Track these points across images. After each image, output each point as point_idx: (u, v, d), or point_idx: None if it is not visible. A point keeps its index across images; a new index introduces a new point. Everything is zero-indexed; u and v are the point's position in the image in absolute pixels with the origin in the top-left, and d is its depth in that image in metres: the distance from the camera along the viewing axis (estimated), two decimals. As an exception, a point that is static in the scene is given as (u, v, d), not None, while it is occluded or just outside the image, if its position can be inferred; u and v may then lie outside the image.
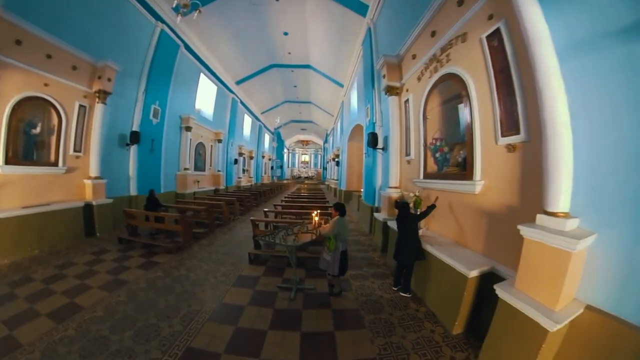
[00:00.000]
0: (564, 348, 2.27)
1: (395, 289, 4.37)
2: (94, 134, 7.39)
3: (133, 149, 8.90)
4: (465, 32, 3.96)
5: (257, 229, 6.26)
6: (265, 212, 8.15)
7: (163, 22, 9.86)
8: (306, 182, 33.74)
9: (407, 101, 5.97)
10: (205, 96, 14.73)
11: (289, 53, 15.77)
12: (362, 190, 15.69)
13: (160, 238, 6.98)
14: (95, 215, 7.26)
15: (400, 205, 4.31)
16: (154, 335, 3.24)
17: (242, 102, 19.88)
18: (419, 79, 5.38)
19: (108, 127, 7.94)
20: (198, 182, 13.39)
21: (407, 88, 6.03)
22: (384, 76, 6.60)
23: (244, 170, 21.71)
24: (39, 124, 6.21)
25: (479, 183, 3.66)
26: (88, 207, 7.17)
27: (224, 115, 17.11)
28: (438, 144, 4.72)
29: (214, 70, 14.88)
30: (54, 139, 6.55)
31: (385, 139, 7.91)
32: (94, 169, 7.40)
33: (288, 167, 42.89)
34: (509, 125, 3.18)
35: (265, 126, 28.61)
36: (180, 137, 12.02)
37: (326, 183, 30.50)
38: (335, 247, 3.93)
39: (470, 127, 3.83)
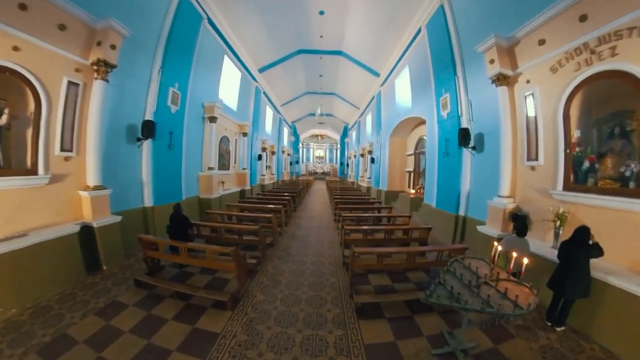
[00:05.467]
0: None
1: (549, 323, 3.76)
2: (91, 125, 5.15)
3: (147, 145, 6.63)
4: (649, 23, 3.30)
5: (356, 260, 4.23)
6: (346, 229, 5.83)
7: (183, -17, 7.56)
8: (327, 179, 31.43)
9: (530, 95, 5.09)
10: (229, 83, 12.50)
11: (321, 37, 13.72)
12: (408, 189, 13.70)
13: (194, 274, 4.74)
14: (98, 241, 5.09)
15: (580, 230, 3.51)
16: None
17: (264, 93, 17.61)
18: (553, 70, 4.58)
19: (112, 114, 5.75)
20: (223, 183, 11.19)
21: (529, 79, 5.12)
22: (491, 61, 5.54)
23: (267, 167, 19.47)
24: (5, 111, 3.97)
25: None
26: (87, 230, 4.97)
27: (247, 105, 14.89)
28: (578, 150, 4.17)
29: (238, 54, 12.67)
30: (30, 133, 4.33)
31: (480, 137, 6.81)
32: (92, 175, 5.18)
33: (303, 162, 40.94)
34: None
35: (284, 119, 26.36)
36: (203, 130, 9.73)
37: (349, 180, 28.30)
38: (504, 267, 3.59)
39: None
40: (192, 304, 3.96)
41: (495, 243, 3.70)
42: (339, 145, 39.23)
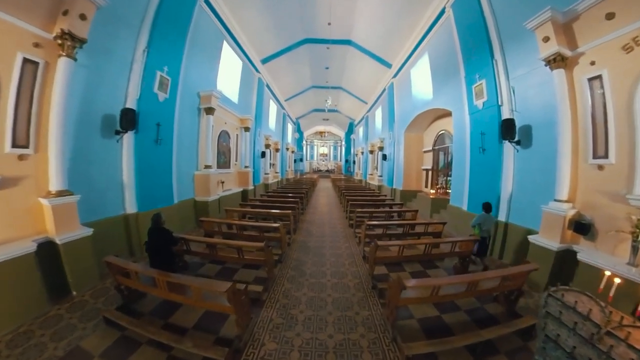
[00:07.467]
0: None
1: None
2: (54, 114, 4.06)
3: (127, 139, 5.50)
4: None
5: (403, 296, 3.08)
6: (373, 242, 4.65)
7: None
8: (332, 177, 30.35)
9: (595, 78, 4.23)
10: (229, 73, 11.37)
11: (329, 24, 12.49)
12: (426, 189, 12.56)
13: (182, 304, 3.63)
14: (63, 260, 4.02)
15: None
16: None
17: (267, 85, 16.47)
18: (627, 48, 3.74)
19: (83, 101, 4.69)
20: (222, 183, 10.11)
21: (594, 60, 4.25)
22: (545, 39, 4.68)
23: (271, 165, 18.38)
24: None
25: None
26: (49, 247, 3.93)
27: (250, 98, 13.77)
28: None
29: (239, 41, 11.56)
30: (-37, 121, 3.27)
31: (526, 130, 5.80)
32: (55, 178, 4.10)
33: (306, 159, 40.13)
34: None
35: (288, 115, 25.23)
36: (199, 123, 8.59)
37: (355, 178, 27.21)
38: (480, 233, 5.23)
39: None
40: (177, 356, 2.86)
41: (607, 272, 2.64)
42: (343, 142, 38.26)
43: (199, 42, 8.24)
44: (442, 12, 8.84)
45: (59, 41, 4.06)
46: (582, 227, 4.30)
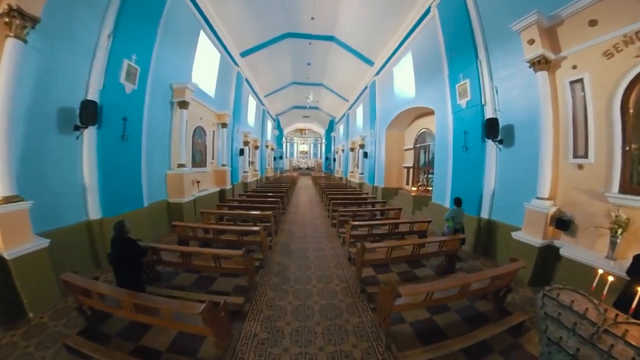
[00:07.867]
0: None
1: None
2: (-2, 106, 3.48)
3: (89, 136, 4.88)
4: None
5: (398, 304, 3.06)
6: (361, 244, 4.45)
7: None
8: (313, 174, 30.14)
9: (576, 82, 4.43)
10: (206, 65, 10.73)
11: (312, 18, 12.29)
12: (407, 186, 12.71)
13: (154, 328, 3.22)
14: (14, 278, 3.46)
15: None
16: None
17: (246, 80, 15.87)
18: (607, 55, 3.97)
19: (36, 91, 4.08)
20: (198, 182, 9.54)
21: (575, 64, 4.46)
22: (530, 42, 4.83)
23: (250, 163, 17.79)
24: None
25: None
26: (-7, 262, 3.36)
27: (228, 92, 13.14)
28: (634, 147, 3.66)
29: (217, 32, 10.95)
30: None
31: (509, 129, 5.95)
32: (1, 182, 3.52)
33: (287, 157, 39.67)
34: None
35: (268, 111, 24.61)
36: (172, 118, 7.97)
37: (336, 175, 27.22)
38: (453, 225, 5.58)
39: None
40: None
41: (600, 270, 2.63)
42: (323, 140, 38.12)
43: (173, 30, 7.63)
44: (427, 11, 8.81)
45: (6, 19, 3.47)
46: (563, 223, 4.51)
